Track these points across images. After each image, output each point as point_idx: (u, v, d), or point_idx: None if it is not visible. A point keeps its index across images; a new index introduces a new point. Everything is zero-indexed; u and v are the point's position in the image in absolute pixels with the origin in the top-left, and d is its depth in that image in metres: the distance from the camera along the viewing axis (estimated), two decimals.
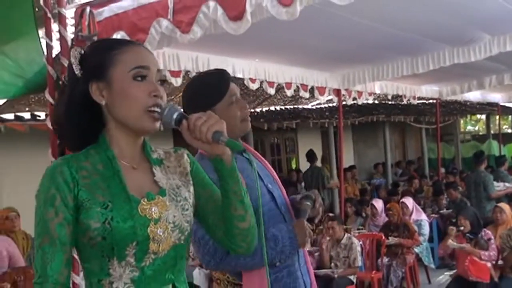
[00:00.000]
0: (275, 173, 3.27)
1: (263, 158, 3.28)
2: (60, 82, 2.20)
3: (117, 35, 4.85)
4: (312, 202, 3.25)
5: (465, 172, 16.30)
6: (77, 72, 2.05)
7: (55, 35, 5.07)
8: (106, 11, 5.00)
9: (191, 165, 2.25)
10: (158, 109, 2.03)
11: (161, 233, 2.02)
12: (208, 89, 3.04)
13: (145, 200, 2.03)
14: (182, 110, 2.15)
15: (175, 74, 6.48)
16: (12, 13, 4.79)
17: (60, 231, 1.94)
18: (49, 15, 4.96)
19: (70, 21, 5.19)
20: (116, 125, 2.08)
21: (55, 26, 5.05)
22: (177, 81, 6.56)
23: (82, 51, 2.09)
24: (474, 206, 10.27)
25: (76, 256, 2.09)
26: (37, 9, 4.85)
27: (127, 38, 4.80)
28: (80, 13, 5.11)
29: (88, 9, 5.05)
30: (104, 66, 2.05)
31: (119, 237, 1.94)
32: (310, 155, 13.96)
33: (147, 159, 2.16)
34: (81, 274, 2.31)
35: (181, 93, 3.13)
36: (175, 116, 2.02)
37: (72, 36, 5.12)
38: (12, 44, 5.11)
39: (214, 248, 2.76)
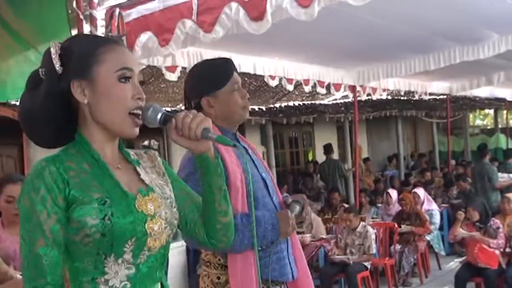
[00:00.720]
0: (268, 167, 3.25)
1: (256, 151, 3.26)
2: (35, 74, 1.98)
3: (145, 35, 4.87)
4: (301, 206, 3.24)
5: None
6: (57, 68, 1.89)
7: None
8: (134, 13, 5.01)
9: (164, 166, 2.17)
10: (140, 112, 1.94)
11: (157, 229, 1.94)
12: (214, 73, 3.05)
13: (140, 195, 1.94)
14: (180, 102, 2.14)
15: None
16: (48, 15, 4.83)
17: (54, 232, 1.81)
18: (81, 16, 4.98)
19: (101, 22, 5.20)
20: (95, 125, 1.95)
21: (86, 27, 5.07)
22: None
23: (61, 45, 1.93)
24: (480, 196, 10.22)
25: None
26: (70, 11, 4.88)
27: (155, 38, 4.82)
28: (110, 14, 5.14)
29: (117, 10, 5.07)
30: (88, 64, 1.91)
31: (119, 233, 1.84)
32: (327, 148, 14.06)
33: (126, 159, 2.06)
34: None
35: None
36: (159, 116, 1.96)
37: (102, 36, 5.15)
38: (47, 44, 5.12)
39: None
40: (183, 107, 2.93)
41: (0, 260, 3.99)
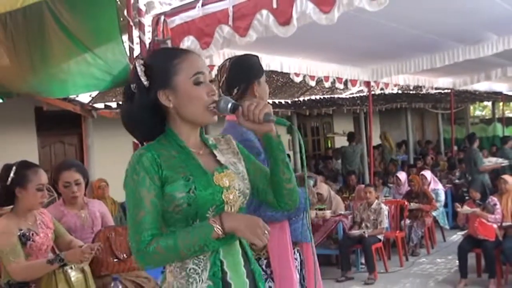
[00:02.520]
0: None
1: None
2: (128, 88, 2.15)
3: (188, 39, 4.89)
4: (314, 180, 3.30)
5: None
6: (145, 83, 2.08)
7: (136, 40, 5.14)
8: (177, 19, 5.04)
9: (237, 146, 2.30)
10: (214, 105, 2.10)
11: (232, 198, 2.10)
12: (254, 65, 3.13)
13: (217, 173, 2.10)
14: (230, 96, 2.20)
15: None
16: (102, 22, 4.88)
17: (154, 205, 2.01)
18: (131, 23, 5.04)
19: (148, 28, 5.24)
20: (181, 121, 2.13)
21: (135, 32, 5.12)
22: None
23: (143, 62, 2.12)
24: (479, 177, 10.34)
25: None
26: (121, 19, 4.92)
27: (196, 42, 4.83)
28: (156, 21, 5.17)
29: (162, 17, 5.10)
30: (169, 76, 2.09)
31: (201, 202, 2.03)
32: (351, 136, 14.33)
33: (205, 145, 2.22)
34: None
35: None
36: (229, 105, 2.10)
37: (149, 40, 5.19)
38: (102, 48, 5.18)
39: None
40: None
41: (66, 232, 4.07)
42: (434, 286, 7.42)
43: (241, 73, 3.07)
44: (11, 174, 3.71)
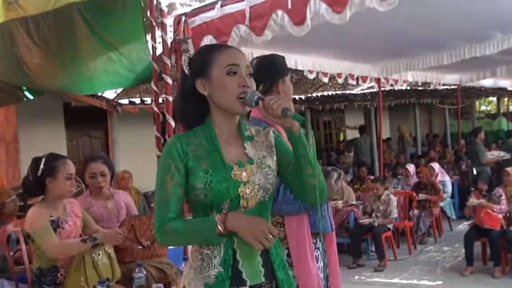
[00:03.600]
0: None
1: None
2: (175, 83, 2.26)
3: (207, 38, 4.89)
4: (338, 174, 3.28)
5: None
6: (186, 71, 2.18)
7: (158, 39, 5.16)
8: (198, 20, 5.04)
9: (275, 139, 2.28)
10: (244, 95, 2.11)
11: (249, 192, 2.10)
12: (280, 64, 3.14)
13: (237, 167, 2.12)
14: (258, 91, 2.18)
15: None
16: (126, 23, 4.91)
17: (174, 191, 2.09)
18: (154, 23, 5.06)
19: (169, 28, 5.25)
20: (217, 110, 2.17)
21: (158, 32, 5.14)
22: None
23: (190, 55, 2.22)
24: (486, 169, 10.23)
25: None
26: (145, 19, 4.94)
27: (214, 41, 4.83)
28: (177, 21, 5.18)
29: (183, 18, 5.12)
30: (206, 66, 2.14)
31: (216, 195, 2.06)
32: (363, 128, 14.72)
33: (240, 136, 2.22)
34: None
35: None
36: (254, 98, 2.10)
37: (171, 39, 5.20)
38: (126, 47, 5.21)
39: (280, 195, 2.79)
40: None
41: (93, 221, 4.11)
42: (441, 273, 7.38)
43: (267, 72, 3.06)
44: (41, 165, 3.76)
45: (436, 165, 10.57)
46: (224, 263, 2.07)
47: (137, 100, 9.26)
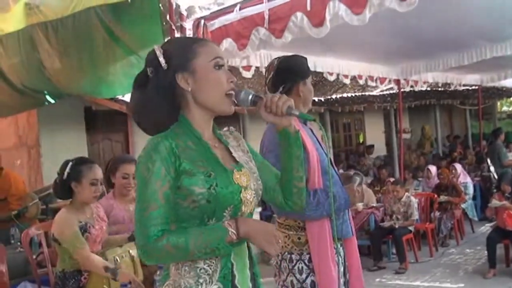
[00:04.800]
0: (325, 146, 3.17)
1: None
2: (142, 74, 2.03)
3: (226, 41, 4.90)
4: (360, 178, 3.26)
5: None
6: (163, 65, 1.92)
7: None
8: (217, 23, 5.05)
9: (246, 145, 2.17)
10: (233, 92, 1.97)
11: (249, 198, 1.96)
12: (301, 66, 3.14)
13: (235, 171, 1.96)
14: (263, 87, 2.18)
15: None
16: (146, 27, 4.92)
17: (166, 198, 1.82)
18: (173, 27, 5.07)
19: (189, 32, 5.27)
20: (196, 108, 1.98)
21: (177, 35, 5.15)
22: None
23: (162, 47, 1.98)
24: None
25: None
26: (164, 23, 4.96)
27: (234, 43, 4.85)
28: (196, 25, 5.19)
29: (202, 21, 5.13)
30: (188, 59, 1.94)
31: (222, 200, 1.86)
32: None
33: (218, 139, 2.07)
34: None
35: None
36: (250, 97, 1.99)
37: None
38: (146, 50, 5.19)
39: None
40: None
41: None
42: (463, 276, 7.32)
43: (288, 72, 3.06)
44: (67, 169, 3.79)
45: (458, 166, 10.53)
46: (223, 279, 1.90)
47: None
